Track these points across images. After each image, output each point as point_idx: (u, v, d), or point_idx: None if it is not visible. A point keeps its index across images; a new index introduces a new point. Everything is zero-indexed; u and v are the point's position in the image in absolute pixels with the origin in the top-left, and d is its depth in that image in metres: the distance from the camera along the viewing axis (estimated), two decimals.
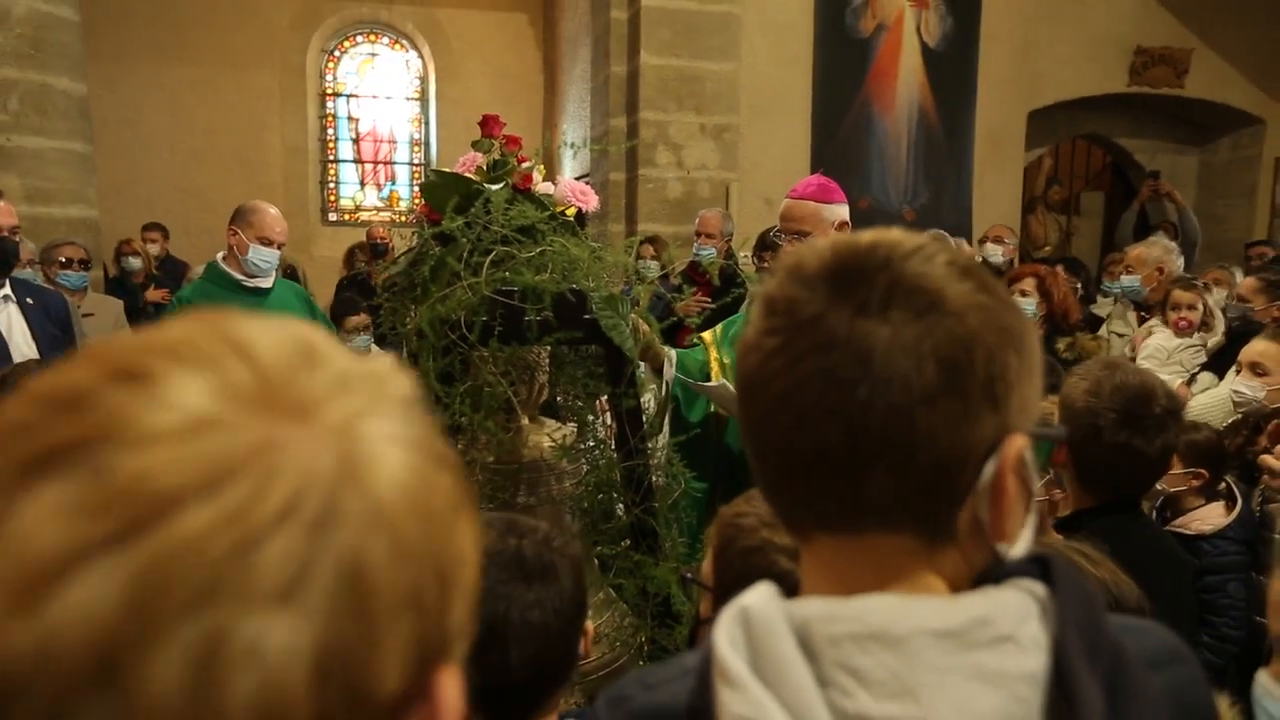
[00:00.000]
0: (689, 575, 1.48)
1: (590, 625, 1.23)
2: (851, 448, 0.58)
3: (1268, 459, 1.63)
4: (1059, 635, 0.57)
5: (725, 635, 0.59)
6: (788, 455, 0.60)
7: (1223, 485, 2.33)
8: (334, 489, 0.34)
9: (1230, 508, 2.26)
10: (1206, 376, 3.47)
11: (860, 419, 0.57)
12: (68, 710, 0.29)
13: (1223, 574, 2.17)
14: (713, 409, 2.77)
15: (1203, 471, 2.25)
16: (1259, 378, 2.63)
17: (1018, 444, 0.59)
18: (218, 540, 0.31)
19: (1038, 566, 0.61)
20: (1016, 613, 0.57)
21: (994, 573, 0.61)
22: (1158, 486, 2.19)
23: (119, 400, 0.33)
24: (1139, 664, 0.59)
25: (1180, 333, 3.63)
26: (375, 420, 0.38)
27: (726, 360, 2.63)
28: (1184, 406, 3.14)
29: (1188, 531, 2.22)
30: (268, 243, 3.36)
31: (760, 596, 0.60)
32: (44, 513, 0.31)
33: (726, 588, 1.10)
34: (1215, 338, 3.64)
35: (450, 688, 0.39)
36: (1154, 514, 2.35)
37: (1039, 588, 0.59)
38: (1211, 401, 3.05)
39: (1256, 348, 2.72)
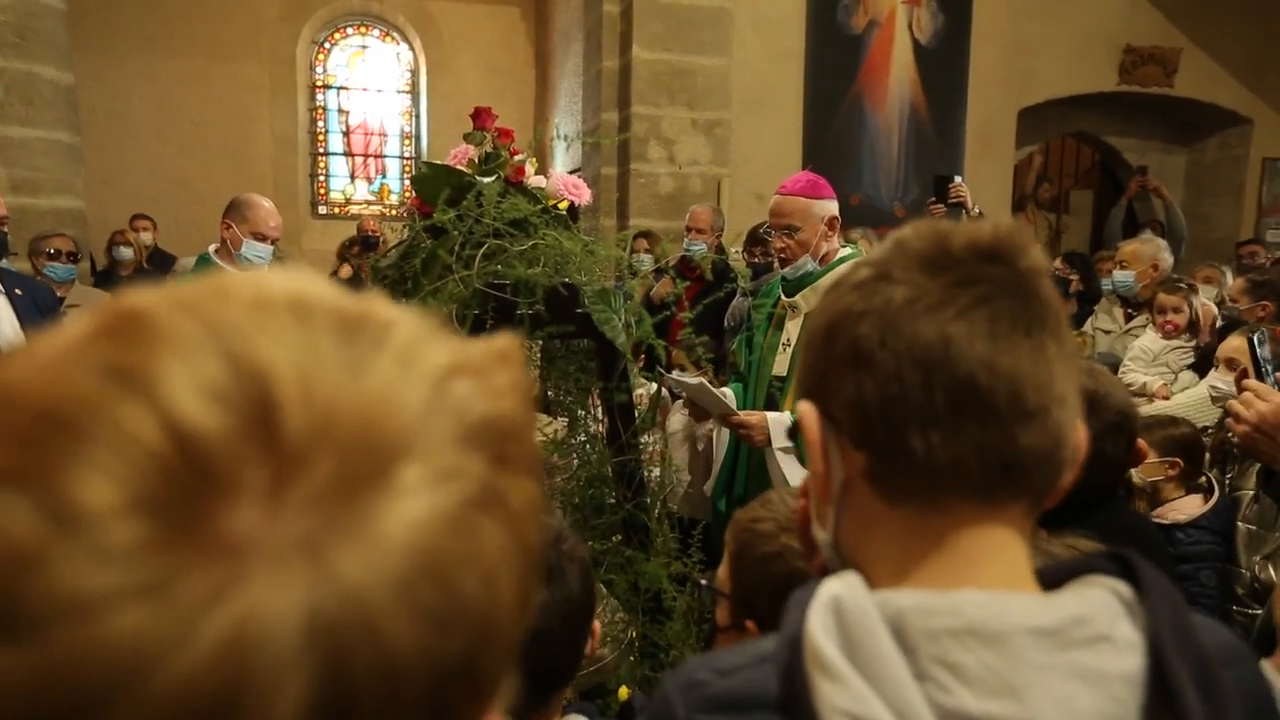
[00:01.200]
0: (705, 583, 1.47)
1: (597, 625, 1.22)
2: (1021, 394, 0.59)
3: (1233, 404, 1.64)
4: (1155, 636, 0.57)
5: (819, 624, 0.58)
6: (955, 393, 0.59)
7: (1203, 480, 2.35)
8: (300, 642, 0.26)
9: (1206, 499, 2.28)
10: (1187, 376, 3.50)
11: (1037, 361, 0.59)
12: None
13: (1196, 563, 2.19)
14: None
15: (1178, 460, 2.28)
16: (1234, 372, 2.66)
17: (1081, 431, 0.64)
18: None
19: (1116, 564, 0.62)
20: (1108, 612, 0.58)
21: (1069, 567, 0.63)
22: (1135, 479, 2.22)
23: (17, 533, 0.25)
24: (1218, 663, 0.59)
25: (1167, 335, 3.65)
26: (375, 492, 0.29)
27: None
28: (1152, 405, 3.18)
29: (1163, 521, 2.25)
30: (262, 238, 3.33)
31: (849, 586, 0.60)
32: None
33: (744, 595, 1.09)
34: (1204, 338, 3.67)
35: None
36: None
37: (1122, 586, 0.60)
38: (1189, 401, 3.08)
39: (1231, 344, 2.75)
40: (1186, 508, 2.27)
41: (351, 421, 0.29)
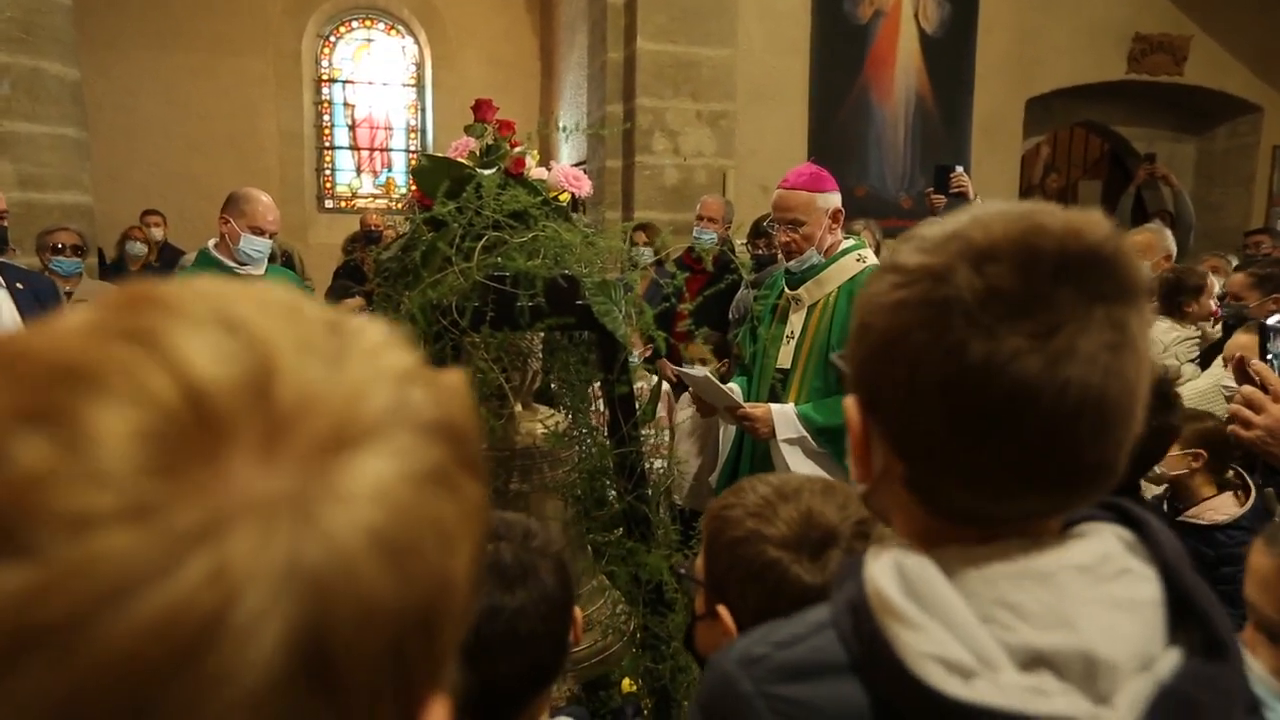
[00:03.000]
0: (682, 571, 1.48)
1: (579, 613, 1.21)
2: (1103, 412, 0.59)
3: (1236, 407, 1.63)
4: (1167, 565, 0.62)
5: (887, 581, 0.61)
6: (1044, 414, 0.58)
7: (1232, 474, 2.33)
8: (281, 583, 0.28)
9: (1242, 498, 2.26)
10: (1189, 369, 3.48)
11: (1125, 384, 0.59)
12: None
13: (1239, 565, 2.17)
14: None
15: (1201, 451, 2.25)
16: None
17: None
18: (148, 657, 0.26)
19: (1111, 513, 0.66)
20: (1120, 549, 0.63)
21: (1071, 518, 0.66)
22: (1158, 470, 2.21)
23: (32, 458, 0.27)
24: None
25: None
26: (352, 457, 0.31)
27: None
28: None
29: (1201, 522, 2.22)
30: (260, 232, 3.31)
31: (903, 548, 0.63)
32: None
33: (717, 580, 1.10)
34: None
35: (436, 717, 0.36)
36: (1165, 505, 2.36)
37: (1121, 530, 0.65)
38: (1190, 394, 3.06)
39: (1239, 340, 2.73)
40: (1223, 507, 2.24)
41: (332, 400, 0.32)
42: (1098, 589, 0.60)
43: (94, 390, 0.28)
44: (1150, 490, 2.44)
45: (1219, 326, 3.75)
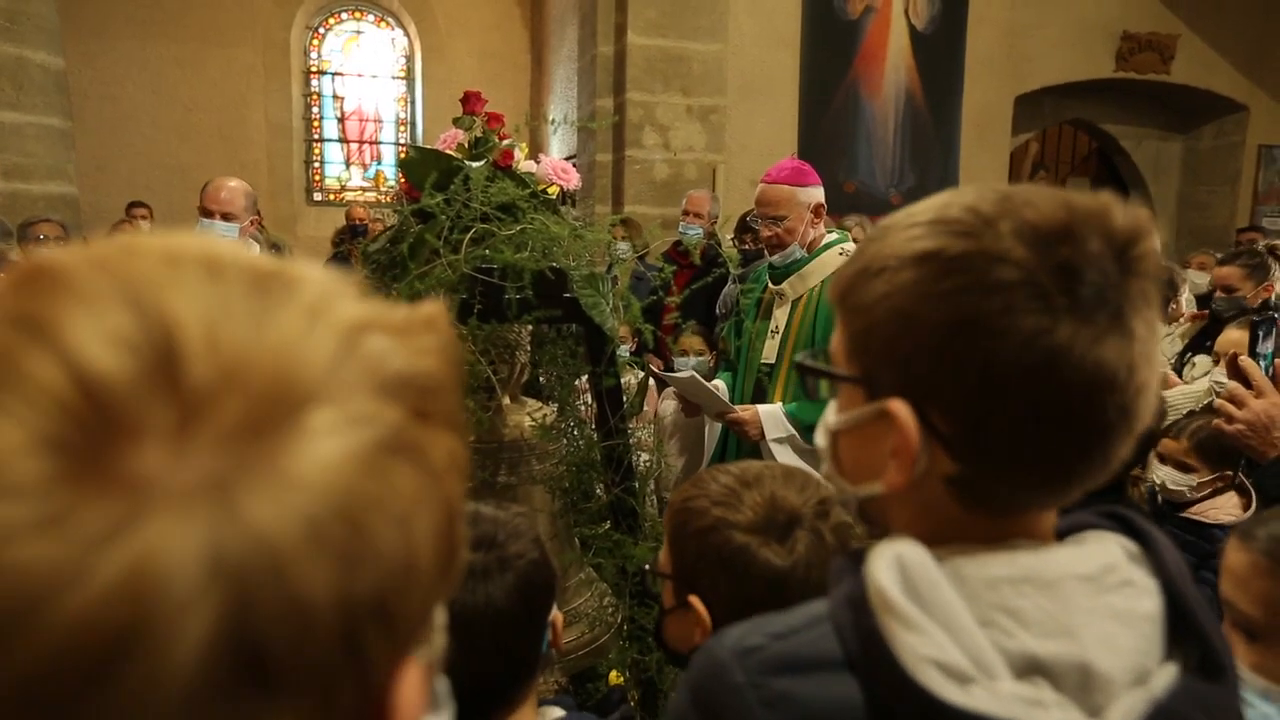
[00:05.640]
0: (648, 566, 1.46)
1: (559, 617, 1.20)
2: (1129, 410, 0.59)
3: (1221, 402, 1.68)
4: (1168, 579, 0.62)
5: (889, 580, 0.59)
6: (1118, 398, 0.57)
7: (1229, 473, 2.32)
8: (202, 581, 0.26)
9: (1244, 498, 2.25)
10: (1205, 360, 3.42)
11: (1137, 385, 0.59)
12: None
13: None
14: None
15: (1229, 473, 2.22)
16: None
17: None
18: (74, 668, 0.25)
19: (1115, 523, 0.65)
20: (1124, 560, 0.62)
21: (1073, 524, 0.66)
22: (1189, 492, 2.20)
23: None
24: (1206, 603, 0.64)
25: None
26: (286, 434, 0.29)
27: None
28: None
29: (1205, 520, 2.20)
30: (209, 214, 3.26)
31: (908, 545, 0.61)
32: None
33: (684, 572, 1.10)
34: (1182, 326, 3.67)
35: (408, 686, 0.34)
36: (1157, 498, 2.35)
37: (1126, 540, 0.64)
38: (1199, 391, 3.04)
39: (1231, 337, 2.73)
40: (1226, 506, 2.22)
41: (259, 369, 0.29)
42: (1099, 599, 0.59)
43: None
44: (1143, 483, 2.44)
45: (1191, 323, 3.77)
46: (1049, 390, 0.56)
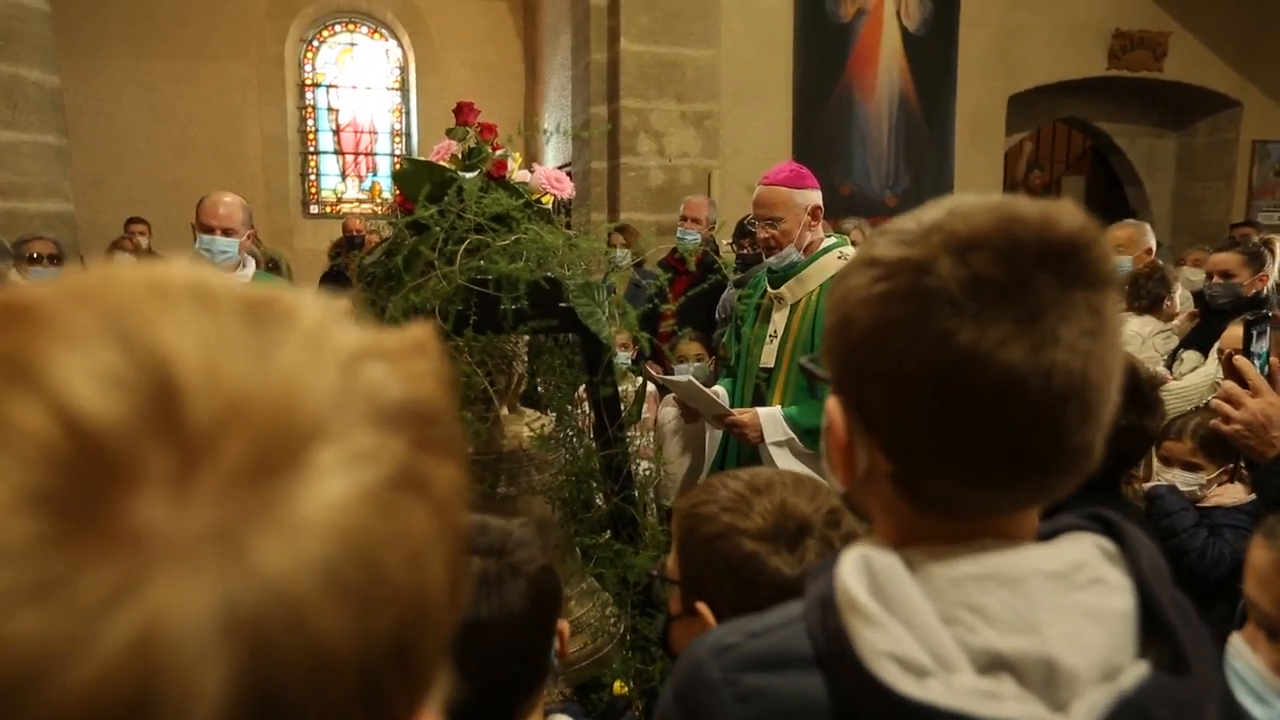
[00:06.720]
0: (655, 573, 1.46)
1: (565, 625, 1.20)
2: (1086, 396, 0.59)
3: (1218, 402, 1.69)
4: (1141, 578, 0.63)
5: (852, 579, 0.62)
6: (1032, 400, 0.58)
7: (1233, 465, 2.34)
8: (215, 637, 0.25)
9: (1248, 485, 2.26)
10: (1193, 355, 3.43)
11: (1104, 368, 0.60)
12: None
13: (1226, 527, 2.16)
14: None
15: (1234, 466, 2.23)
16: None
17: None
18: None
19: (1096, 524, 0.66)
20: (1098, 558, 0.63)
21: (1054, 527, 0.67)
22: (1199, 488, 2.21)
23: None
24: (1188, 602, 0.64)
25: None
26: (292, 476, 0.27)
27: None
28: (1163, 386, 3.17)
29: (1206, 504, 2.21)
30: (208, 230, 3.19)
31: (874, 546, 0.64)
32: None
33: (693, 579, 1.10)
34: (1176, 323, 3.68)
35: None
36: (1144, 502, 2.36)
37: (1104, 540, 0.65)
38: (1202, 382, 3.04)
39: (1235, 333, 2.72)
40: (1231, 494, 2.24)
41: (260, 405, 0.27)
42: (1066, 596, 0.60)
43: None
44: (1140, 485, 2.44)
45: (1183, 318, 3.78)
46: (956, 393, 0.58)
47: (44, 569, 0.24)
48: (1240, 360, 1.70)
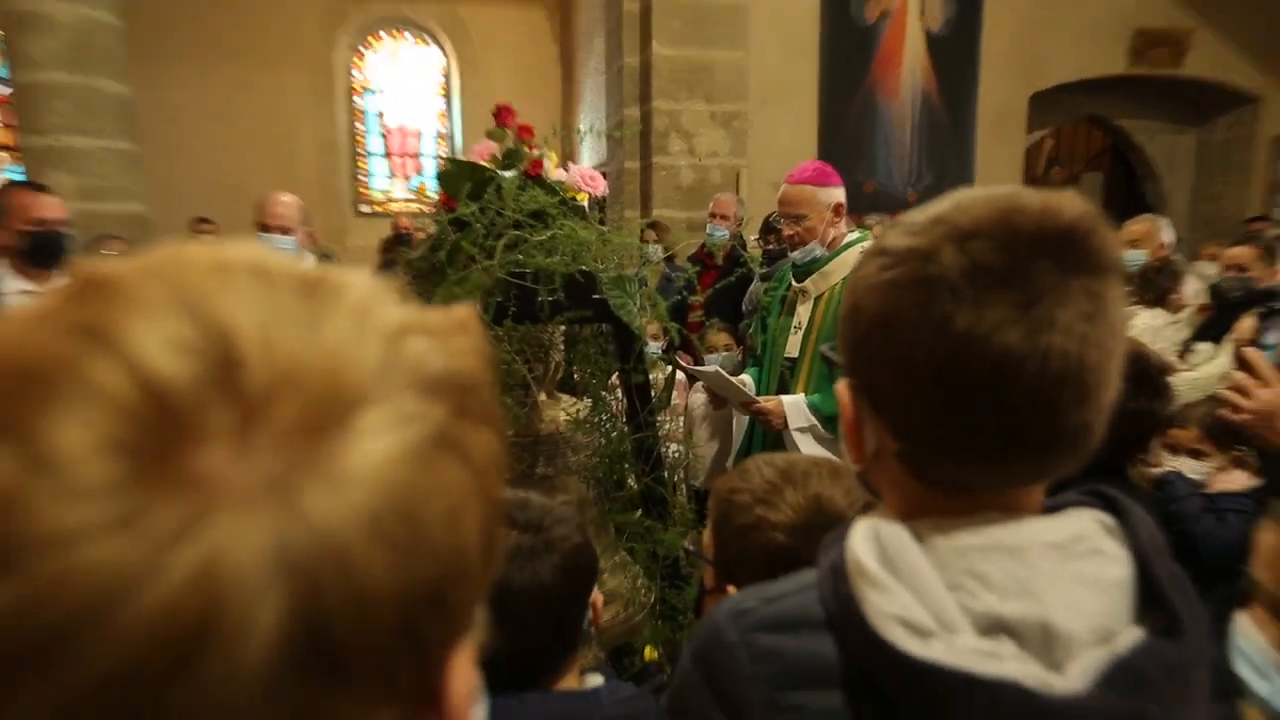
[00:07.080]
0: (690, 547, 1.51)
1: (599, 597, 1.23)
2: (1083, 378, 0.60)
3: (1227, 392, 1.73)
4: (1138, 549, 0.65)
5: (862, 548, 0.65)
6: (1028, 382, 0.59)
7: (1239, 453, 2.30)
8: (269, 575, 0.27)
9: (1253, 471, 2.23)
10: (1206, 347, 3.45)
11: (1102, 351, 0.61)
12: None
13: (1226, 508, 2.12)
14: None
15: (1239, 454, 2.25)
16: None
17: None
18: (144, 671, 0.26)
19: (1098, 500, 0.69)
20: (1097, 531, 0.66)
21: (1058, 503, 0.69)
22: (1207, 473, 2.20)
23: None
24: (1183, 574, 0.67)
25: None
26: (340, 433, 0.30)
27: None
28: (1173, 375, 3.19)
29: (1210, 491, 2.22)
30: (266, 229, 3.38)
31: (884, 517, 0.67)
32: None
33: (726, 564, 1.12)
34: (1186, 313, 3.68)
35: (460, 679, 0.36)
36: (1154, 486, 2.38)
37: (1104, 515, 0.67)
38: (1216, 372, 3.05)
39: (1247, 325, 2.73)
40: (1236, 480, 2.25)
41: (311, 372, 0.30)
42: (1066, 565, 0.62)
43: (50, 397, 0.27)
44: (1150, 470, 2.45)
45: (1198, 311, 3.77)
46: (956, 376, 0.59)
47: (121, 505, 0.26)
48: (1249, 351, 1.73)
